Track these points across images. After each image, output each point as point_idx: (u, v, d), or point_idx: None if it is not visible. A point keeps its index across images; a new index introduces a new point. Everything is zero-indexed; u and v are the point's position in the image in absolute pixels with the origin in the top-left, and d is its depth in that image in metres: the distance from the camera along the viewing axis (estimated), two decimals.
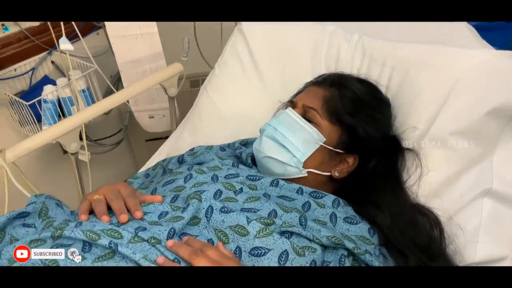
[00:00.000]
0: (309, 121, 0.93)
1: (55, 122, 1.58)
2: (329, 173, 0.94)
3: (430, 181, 0.93)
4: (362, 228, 0.85)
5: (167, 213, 0.78)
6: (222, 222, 0.77)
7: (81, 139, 1.46)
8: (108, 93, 1.83)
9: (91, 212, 0.78)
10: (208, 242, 0.74)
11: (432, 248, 0.86)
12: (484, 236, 0.89)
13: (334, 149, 0.93)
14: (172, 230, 0.72)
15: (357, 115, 0.93)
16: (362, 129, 0.92)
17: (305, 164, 0.92)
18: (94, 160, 1.89)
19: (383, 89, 1.02)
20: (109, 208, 0.78)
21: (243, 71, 1.20)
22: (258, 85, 1.19)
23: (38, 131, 1.57)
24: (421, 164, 0.94)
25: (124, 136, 2.02)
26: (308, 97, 0.96)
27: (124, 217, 0.74)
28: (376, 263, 0.77)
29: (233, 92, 1.22)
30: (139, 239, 0.69)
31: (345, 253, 0.78)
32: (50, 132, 1.10)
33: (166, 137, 1.74)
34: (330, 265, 0.77)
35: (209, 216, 0.78)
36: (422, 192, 0.94)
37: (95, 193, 0.80)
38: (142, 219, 0.76)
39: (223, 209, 0.79)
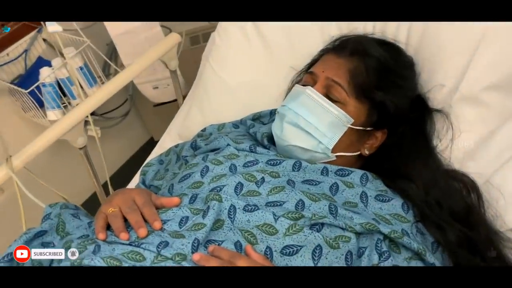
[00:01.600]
0: (333, 97, 0.85)
1: (58, 106, 1.53)
2: (358, 152, 0.88)
3: (464, 143, 0.86)
4: (395, 205, 0.80)
5: (187, 218, 0.74)
6: (247, 222, 0.73)
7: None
8: (107, 65, 1.75)
9: (108, 226, 0.74)
10: (235, 245, 0.71)
11: (471, 216, 0.81)
12: None
13: (363, 129, 0.86)
14: (196, 242, 0.68)
15: (385, 88, 0.84)
16: (392, 103, 0.84)
17: (334, 149, 0.85)
18: (105, 135, 1.85)
19: (403, 47, 0.93)
20: (126, 220, 0.74)
21: (245, 37, 1.10)
22: (264, 51, 1.09)
23: (43, 116, 1.53)
24: (452, 126, 0.87)
25: (131, 106, 1.96)
26: (330, 68, 0.86)
27: (143, 231, 0.70)
28: (415, 245, 0.73)
29: (237, 62, 1.12)
30: (163, 258, 0.66)
31: (381, 237, 0.73)
32: (54, 131, 1.04)
33: (175, 100, 1.68)
34: (366, 250, 0.72)
35: (232, 216, 0.74)
36: (455, 156, 0.87)
37: (109, 205, 0.76)
38: (162, 229, 0.72)
39: (246, 208, 0.74)
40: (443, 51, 0.89)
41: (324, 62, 0.90)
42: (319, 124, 0.84)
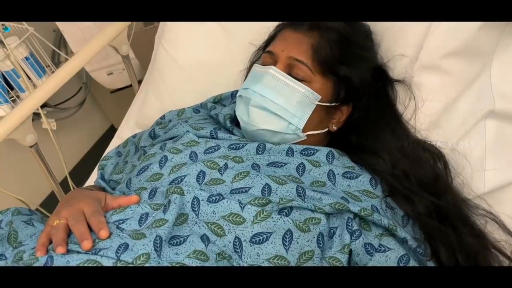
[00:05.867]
0: (298, 76, 0.81)
1: (6, 100, 1.44)
2: (327, 129, 0.86)
3: (428, 112, 0.85)
4: (363, 181, 0.78)
5: (147, 215, 0.70)
6: (213, 214, 0.69)
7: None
8: (56, 53, 1.65)
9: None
10: (202, 239, 0.67)
11: (438, 184, 0.80)
12: (491, 162, 0.83)
13: (331, 104, 0.83)
14: (158, 239, 0.64)
15: (348, 61, 0.82)
16: (356, 76, 0.82)
17: (304, 128, 0.83)
18: (61, 126, 1.77)
19: None
20: None
21: None
22: (218, 29, 1.04)
23: None
24: (414, 96, 0.86)
25: (86, 94, 1.87)
26: (291, 46, 0.82)
27: (86, 244, 0.63)
28: (385, 221, 0.72)
29: (192, 43, 1.06)
30: (123, 263, 0.61)
31: (351, 215, 0.72)
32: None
33: (131, 85, 1.61)
34: (337, 230, 0.71)
35: (196, 209, 0.70)
36: (421, 126, 0.86)
37: (56, 217, 0.70)
38: (121, 229, 0.67)
39: (210, 198, 0.70)
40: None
41: (283, 39, 0.86)
42: (287, 104, 0.81)
